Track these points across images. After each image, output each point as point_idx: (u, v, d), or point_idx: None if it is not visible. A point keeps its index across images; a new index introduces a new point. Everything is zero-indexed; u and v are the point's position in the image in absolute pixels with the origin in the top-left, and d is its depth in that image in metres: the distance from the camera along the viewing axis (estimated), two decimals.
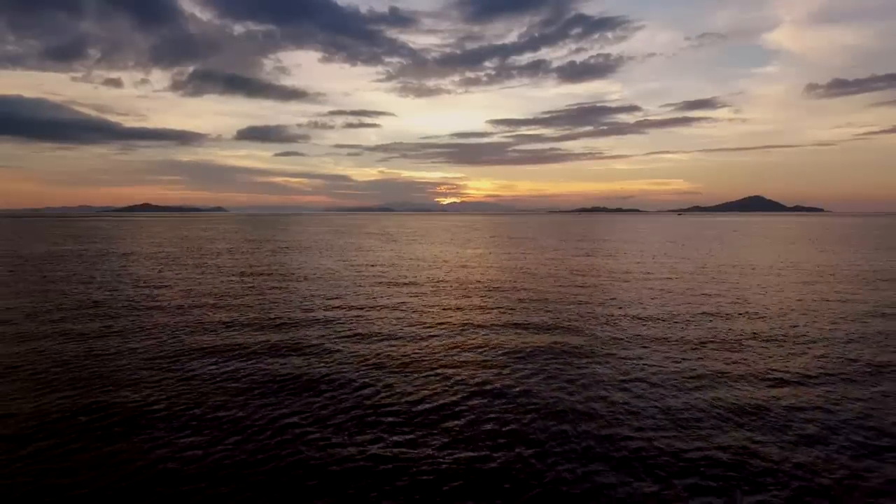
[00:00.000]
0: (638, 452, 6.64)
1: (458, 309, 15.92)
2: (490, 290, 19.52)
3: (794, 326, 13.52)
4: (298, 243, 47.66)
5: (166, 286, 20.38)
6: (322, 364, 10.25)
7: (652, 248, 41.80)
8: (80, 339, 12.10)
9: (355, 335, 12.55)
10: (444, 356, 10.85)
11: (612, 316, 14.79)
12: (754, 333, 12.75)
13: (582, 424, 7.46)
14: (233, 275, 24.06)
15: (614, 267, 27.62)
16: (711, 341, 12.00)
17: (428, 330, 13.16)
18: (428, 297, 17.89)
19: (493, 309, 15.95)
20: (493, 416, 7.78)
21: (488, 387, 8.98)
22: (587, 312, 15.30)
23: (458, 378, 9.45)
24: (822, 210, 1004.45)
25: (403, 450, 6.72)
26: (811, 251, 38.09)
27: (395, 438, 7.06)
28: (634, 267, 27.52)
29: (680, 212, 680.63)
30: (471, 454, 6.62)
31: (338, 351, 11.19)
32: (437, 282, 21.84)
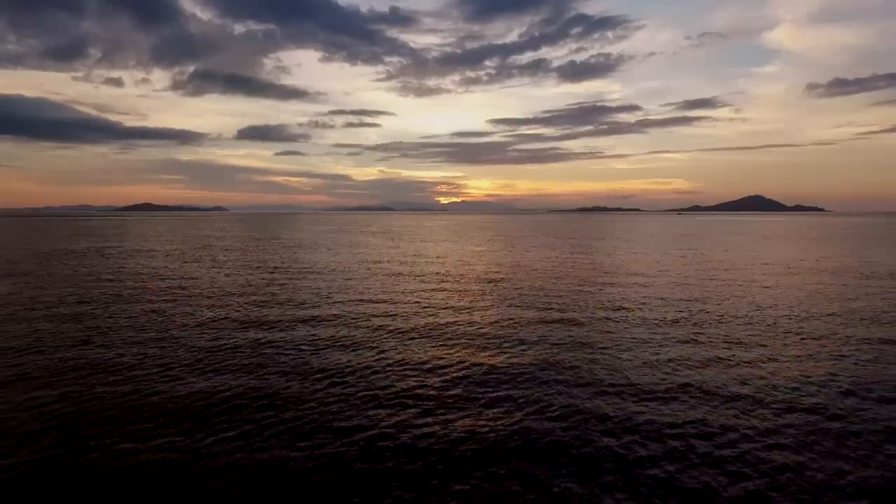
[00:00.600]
0: (602, 394, 8.51)
1: (460, 294, 17.79)
2: (490, 282, 21.41)
3: (758, 311, 15.41)
4: (305, 241, 49.57)
5: (193, 278, 22.24)
6: (345, 335, 12.16)
7: (645, 246, 43.68)
8: (129, 322, 13.92)
9: (372, 315, 14.43)
10: (447, 330, 12.73)
11: (602, 303, 16.66)
12: (720, 315, 14.65)
13: (564, 373, 9.33)
14: (250, 269, 25.92)
15: (607, 263, 29.52)
16: (682, 321, 13.88)
17: (431, 311, 15.04)
18: (432, 287, 19.76)
19: (492, 296, 17.83)
20: (484, 370, 9.65)
21: (484, 352, 10.87)
22: (579, 300, 17.17)
23: (458, 345, 11.35)
24: (822, 209, 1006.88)
25: (413, 392, 8.59)
26: (795, 248, 39.97)
27: (405, 382, 8.96)
28: (627, 263, 29.39)
29: (680, 211, 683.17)
30: (463, 392, 8.50)
31: (358, 325, 13.10)
32: (441, 274, 23.72)
